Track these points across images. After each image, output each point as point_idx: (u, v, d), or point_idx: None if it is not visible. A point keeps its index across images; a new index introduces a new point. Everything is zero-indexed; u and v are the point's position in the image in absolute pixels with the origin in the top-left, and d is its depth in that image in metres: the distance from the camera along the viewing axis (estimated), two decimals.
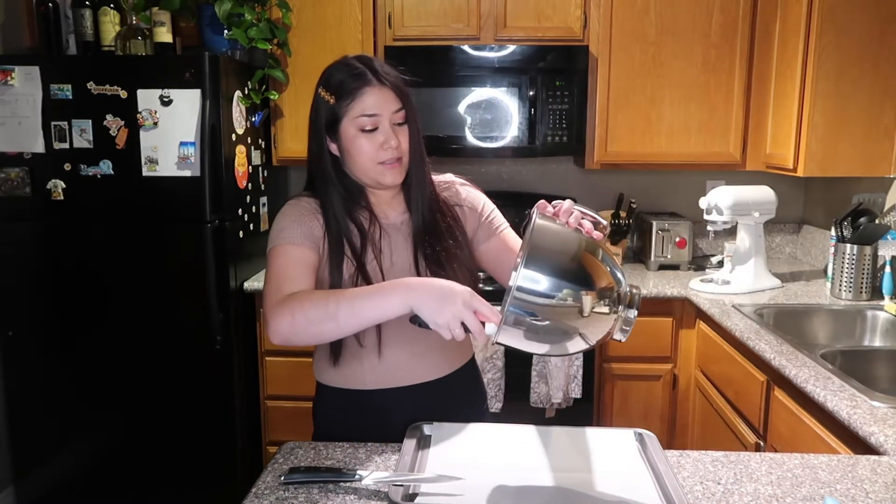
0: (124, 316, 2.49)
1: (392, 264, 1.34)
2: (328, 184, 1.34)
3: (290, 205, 1.37)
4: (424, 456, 1.17)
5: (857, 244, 2.34)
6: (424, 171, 1.39)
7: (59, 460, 2.58)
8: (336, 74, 1.31)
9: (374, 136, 1.30)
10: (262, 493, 1.07)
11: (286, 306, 1.16)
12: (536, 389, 2.53)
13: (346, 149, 1.32)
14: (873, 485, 1.11)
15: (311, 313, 1.14)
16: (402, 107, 1.32)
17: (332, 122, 1.31)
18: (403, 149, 1.32)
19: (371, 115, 1.29)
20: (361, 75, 1.29)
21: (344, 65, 1.32)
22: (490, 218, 1.47)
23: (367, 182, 1.35)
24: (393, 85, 1.31)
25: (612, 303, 1.00)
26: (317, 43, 2.78)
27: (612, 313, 1.00)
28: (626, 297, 1.01)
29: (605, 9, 2.71)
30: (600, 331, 1.01)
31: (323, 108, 1.32)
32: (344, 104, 1.29)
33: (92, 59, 2.53)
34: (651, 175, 3.13)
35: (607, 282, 1.00)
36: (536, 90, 2.71)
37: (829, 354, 1.83)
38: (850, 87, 2.34)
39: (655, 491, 1.06)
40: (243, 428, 2.61)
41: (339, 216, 1.33)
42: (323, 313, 1.13)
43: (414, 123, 1.35)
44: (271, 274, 1.27)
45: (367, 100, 1.28)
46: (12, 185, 2.44)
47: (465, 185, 1.49)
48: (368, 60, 1.32)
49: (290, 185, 3.22)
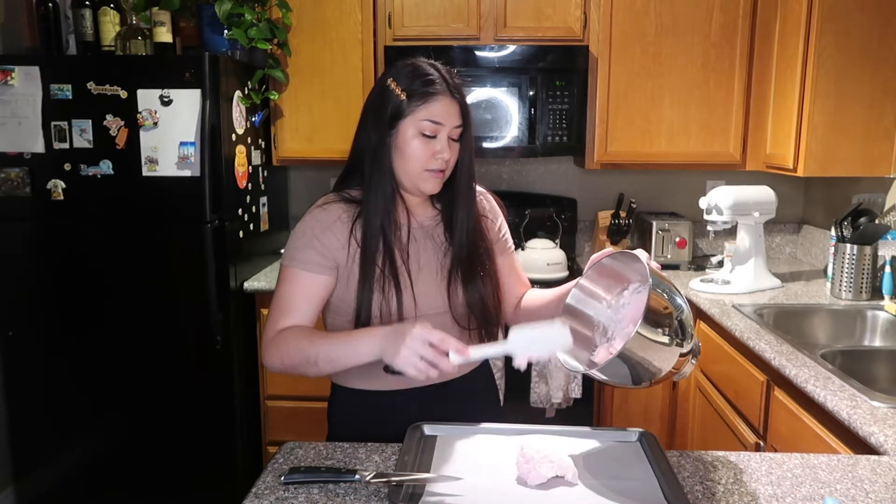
0: (124, 316, 2.49)
1: (420, 268, 1.35)
2: (383, 176, 1.33)
3: (315, 215, 1.35)
4: (424, 456, 1.17)
5: (857, 244, 2.34)
6: (472, 189, 1.40)
7: (59, 460, 2.58)
8: (409, 74, 1.32)
9: (431, 143, 1.30)
10: (262, 493, 1.07)
11: (276, 346, 1.28)
12: (536, 389, 2.53)
13: (399, 147, 1.32)
14: (873, 485, 1.11)
15: (295, 359, 1.26)
16: (462, 124, 1.33)
17: (393, 117, 1.31)
18: (451, 163, 1.34)
19: (435, 123, 1.30)
20: (437, 82, 1.30)
21: (418, 67, 1.33)
22: (505, 235, 1.51)
23: (405, 183, 1.35)
24: (461, 101, 1.33)
25: (684, 342, 1.09)
26: (317, 43, 2.78)
27: (683, 352, 1.10)
28: (695, 348, 1.12)
29: (605, 9, 2.71)
30: (666, 369, 1.10)
31: (390, 101, 1.31)
32: (413, 104, 1.29)
33: (92, 59, 2.53)
34: (651, 175, 3.13)
35: (685, 332, 1.09)
36: (536, 90, 2.71)
37: (829, 354, 1.83)
38: (850, 86, 2.34)
39: (655, 491, 1.06)
40: (243, 428, 2.61)
41: (384, 210, 1.32)
42: (304, 361, 1.25)
43: (468, 141, 1.36)
44: (276, 300, 1.33)
45: (436, 106, 1.29)
46: (12, 185, 2.44)
47: (487, 195, 1.51)
48: (442, 69, 1.34)
49: (290, 185, 3.22)
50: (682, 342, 1.08)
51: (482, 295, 1.38)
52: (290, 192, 3.22)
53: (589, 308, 1.24)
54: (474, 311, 1.38)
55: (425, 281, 1.34)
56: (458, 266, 1.37)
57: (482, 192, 1.49)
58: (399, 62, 1.35)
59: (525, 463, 1.08)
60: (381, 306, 1.30)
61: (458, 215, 1.38)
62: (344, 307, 1.34)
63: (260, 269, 2.80)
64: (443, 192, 1.37)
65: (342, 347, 1.22)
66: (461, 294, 1.36)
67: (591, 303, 1.25)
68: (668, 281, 1.11)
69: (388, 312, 1.31)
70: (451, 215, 1.39)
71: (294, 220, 3.19)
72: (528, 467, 1.07)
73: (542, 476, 1.06)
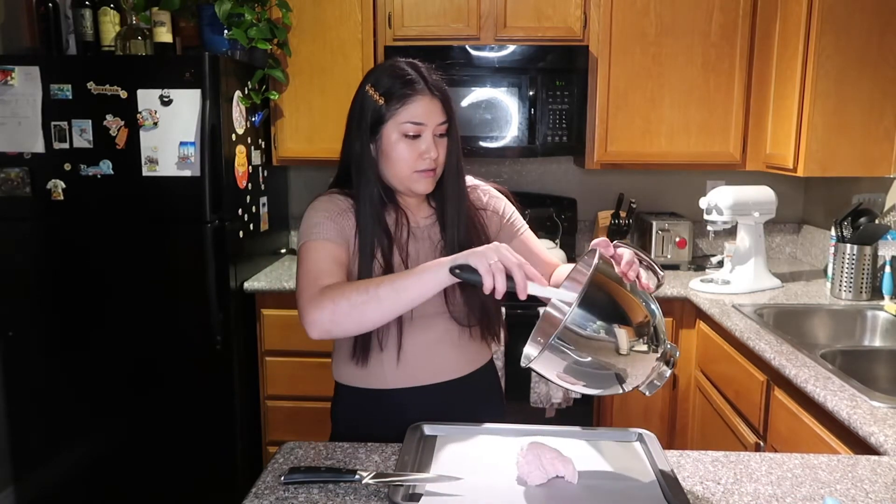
0: (124, 316, 2.49)
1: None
2: (368, 183, 1.32)
3: (323, 200, 1.36)
4: (425, 456, 1.17)
5: (857, 244, 2.34)
6: (460, 185, 1.39)
7: (59, 460, 2.58)
8: (386, 77, 1.31)
9: (416, 143, 1.30)
10: (262, 493, 1.07)
11: (326, 296, 1.17)
12: (536, 389, 2.53)
13: (385, 151, 1.31)
14: (873, 485, 1.11)
15: (353, 297, 1.15)
16: (447, 120, 1.32)
17: (375, 122, 1.30)
18: (440, 161, 1.33)
19: (417, 124, 1.29)
20: (413, 82, 1.29)
21: (395, 68, 1.32)
22: (511, 220, 1.49)
23: (396, 186, 1.35)
24: (442, 97, 1.32)
25: (651, 347, 1.03)
26: (317, 43, 2.78)
27: (651, 359, 1.03)
28: (664, 353, 1.05)
29: (605, 9, 2.71)
30: (634, 375, 1.04)
31: (370, 107, 1.30)
32: (392, 107, 1.29)
33: (92, 59, 2.53)
34: (651, 175, 3.13)
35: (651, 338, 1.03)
36: (536, 90, 2.71)
37: (829, 354, 1.83)
38: (850, 86, 2.34)
39: (655, 491, 1.06)
40: (243, 428, 2.61)
41: (374, 215, 1.32)
42: (364, 296, 1.14)
43: (454, 137, 1.35)
44: (306, 268, 1.27)
45: (416, 107, 1.29)
46: (12, 185, 2.43)
47: (486, 187, 1.50)
48: (420, 68, 1.33)
49: (290, 185, 3.22)
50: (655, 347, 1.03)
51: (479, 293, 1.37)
52: (290, 192, 3.22)
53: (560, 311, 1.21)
54: (473, 310, 1.38)
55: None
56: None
57: (474, 186, 1.47)
58: (377, 65, 1.35)
59: (525, 463, 1.08)
60: None
61: (448, 213, 1.37)
62: None
63: (260, 269, 2.80)
64: (435, 190, 1.37)
65: (410, 275, 1.14)
66: (458, 292, 1.36)
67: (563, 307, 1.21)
68: (615, 267, 1.07)
69: None
70: (443, 213, 1.39)
71: (294, 220, 3.21)
72: (528, 468, 1.07)
73: (542, 476, 1.06)
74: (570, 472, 1.07)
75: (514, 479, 1.09)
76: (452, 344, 1.39)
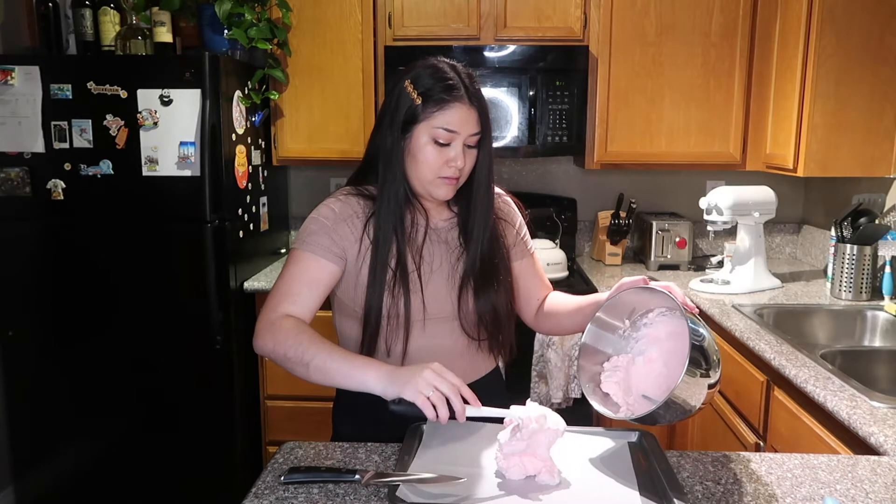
0: (124, 316, 2.49)
1: (432, 271, 1.33)
2: (395, 180, 1.29)
3: (332, 205, 1.33)
4: (425, 456, 1.17)
5: (857, 244, 2.34)
6: (489, 201, 1.36)
7: (59, 460, 2.58)
8: (427, 76, 1.27)
9: (445, 150, 1.27)
10: (262, 493, 1.07)
11: (271, 333, 1.23)
12: (536, 389, 2.52)
13: (412, 152, 1.28)
14: (873, 485, 1.11)
15: (289, 353, 1.20)
16: (480, 131, 1.30)
17: (407, 120, 1.27)
18: (466, 171, 1.31)
19: (450, 131, 1.26)
20: (454, 88, 1.26)
21: (437, 69, 1.28)
22: (524, 237, 1.47)
23: (416, 188, 1.33)
24: (480, 108, 1.29)
25: (716, 379, 1.13)
26: (317, 43, 2.78)
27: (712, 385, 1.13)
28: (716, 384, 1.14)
29: (605, 9, 2.72)
30: (699, 401, 1.12)
31: (405, 104, 1.27)
32: (428, 109, 1.25)
33: (92, 59, 2.54)
34: (651, 175, 3.13)
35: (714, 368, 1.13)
36: (536, 90, 2.71)
37: (829, 354, 1.83)
38: (850, 87, 2.34)
39: (656, 491, 1.06)
40: (243, 428, 2.61)
41: (396, 213, 1.30)
42: (297, 358, 1.19)
43: (487, 149, 1.33)
44: (280, 282, 1.29)
45: (452, 114, 1.25)
46: (12, 185, 2.44)
47: (504, 197, 1.48)
48: (462, 73, 1.29)
49: (290, 185, 3.22)
50: (709, 371, 1.09)
51: (494, 305, 1.35)
52: (290, 191, 3.22)
53: (604, 341, 1.27)
54: (484, 322, 1.36)
55: (436, 283, 1.32)
56: (471, 275, 1.34)
57: (500, 194, 1.45)
58: (419, 62, 1.31)
59: (503, 458, 1.08)
60: (390, 307, 1.29)
61: (474, 223, 1.34)
62: (353, 307, 1.33)
63: (260, 268, 2.80)
64: (460, 195, 1.35)
65: (342, 364, 1.16)
66: (472, 302, 1.34)
67: (606, 335, 1.27)
68: (693, 313, 1.14)
69: (395, 313, 1.29)
70: (466, 221, 1.36)
71: (294, 220, 3.21)
72: (505, 463, 1.08)
73: (520, 472, 1.07)
74: (547, 469, 1.07)
75: (514, 479, 1.09)
76: (460, 355, 1.37)
